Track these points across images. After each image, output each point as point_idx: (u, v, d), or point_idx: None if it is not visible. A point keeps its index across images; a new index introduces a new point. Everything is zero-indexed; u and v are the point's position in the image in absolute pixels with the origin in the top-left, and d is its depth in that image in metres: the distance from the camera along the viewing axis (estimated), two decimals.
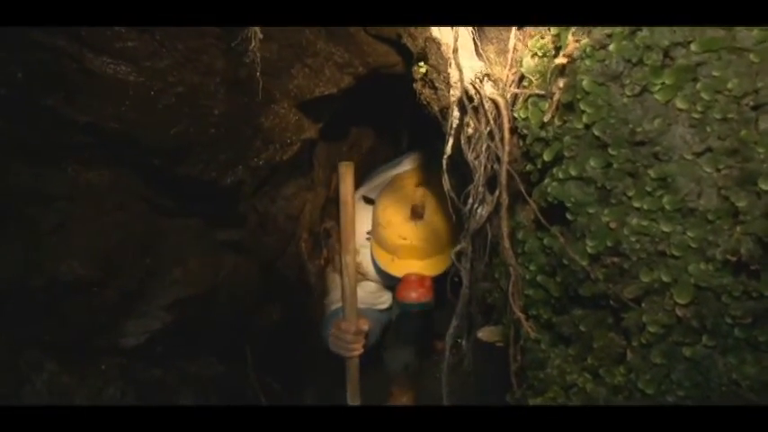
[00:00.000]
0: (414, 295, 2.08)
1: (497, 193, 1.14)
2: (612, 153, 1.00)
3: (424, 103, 1.61)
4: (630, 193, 1.00)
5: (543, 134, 1.10)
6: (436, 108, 1.49)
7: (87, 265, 1.73)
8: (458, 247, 1.21)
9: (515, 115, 1.16)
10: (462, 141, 1.19)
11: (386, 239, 2.11)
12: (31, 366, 1.75)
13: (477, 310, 1.28)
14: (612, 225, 1.00)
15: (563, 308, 1.12)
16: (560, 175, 1.06)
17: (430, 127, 1.62)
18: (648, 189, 0.98)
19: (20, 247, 1.65)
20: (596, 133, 1.01)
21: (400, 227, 2.06)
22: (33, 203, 1.64)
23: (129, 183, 1.75)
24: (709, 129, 0.95)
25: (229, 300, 2.11)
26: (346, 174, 1.99)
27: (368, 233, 2.26)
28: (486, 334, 1.21)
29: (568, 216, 1.06)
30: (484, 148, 1.12)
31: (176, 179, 1.75)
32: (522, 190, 1.12)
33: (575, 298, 1.09)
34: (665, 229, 0.97)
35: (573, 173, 1.04)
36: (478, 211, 1.15)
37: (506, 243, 1.08)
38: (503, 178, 1.11)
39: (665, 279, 0.97)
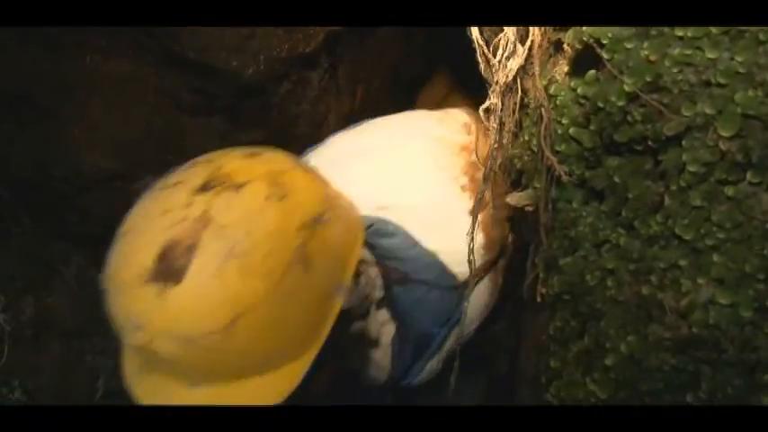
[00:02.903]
0: None
1: (528, 42, 1.07)
2: None
3: None
4: None
5: None
6: None
7: (109, 158, 1.72)
8: (486, 104, 1.15)
9: None
10: None
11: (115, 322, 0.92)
12: (60, 259, 1.76)
13: (506, 177, 1.23)
14: (652, 58, 0.94)
15: (597, 160, 1.06)
16: None
17: None
18: None
19: (41, 137, 1.64)
20: None
21: (127, 295, 0.87)
22: (53, 92, 1.62)
23: (150, 73, 1.72)
24: None
25: None
26: None
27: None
28: (515, 198, 1.16)
29: (605, 55, 0.99)
30: None
31: (197, 70, 1.72)
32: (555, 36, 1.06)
33: (610, 146, 1.03)
34: (711, 55, 0.90)
35: None
36: (508, 63, 1.08)
37: (538, 83, 1.02)
38: None
39: (708, 111, 0.90)
